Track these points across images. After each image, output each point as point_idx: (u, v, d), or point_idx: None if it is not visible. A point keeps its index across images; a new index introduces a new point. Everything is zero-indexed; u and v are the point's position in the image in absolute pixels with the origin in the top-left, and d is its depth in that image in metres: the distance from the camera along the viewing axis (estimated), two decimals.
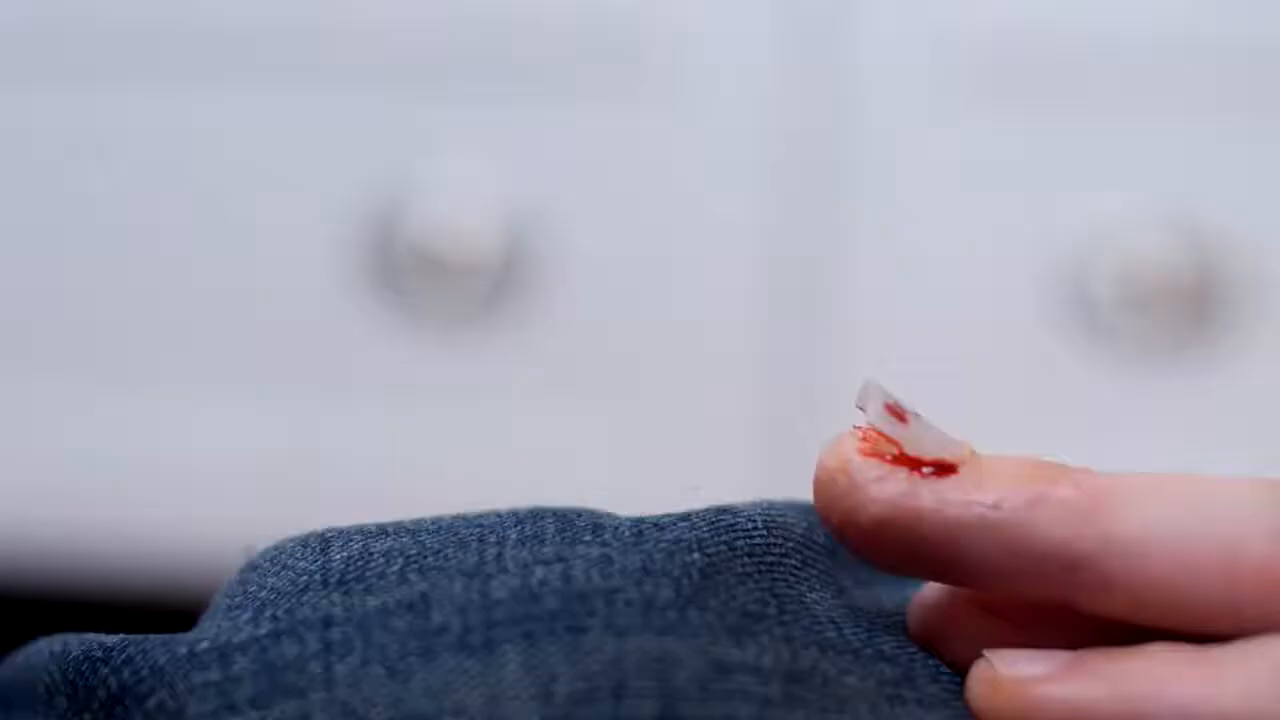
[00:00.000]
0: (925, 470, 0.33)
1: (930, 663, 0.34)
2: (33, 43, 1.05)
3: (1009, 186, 1.05)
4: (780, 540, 0.35)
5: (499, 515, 0.34)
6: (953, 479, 0.32)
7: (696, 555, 0.33)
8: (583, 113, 1.03)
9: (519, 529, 0.34)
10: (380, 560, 0.33)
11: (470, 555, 0.33)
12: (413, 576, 0.33)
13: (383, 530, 0.34)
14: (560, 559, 0.33)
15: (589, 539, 0.33)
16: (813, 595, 0.34)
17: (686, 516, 0.34)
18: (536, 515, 0.34)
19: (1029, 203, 1.05)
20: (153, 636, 0.33)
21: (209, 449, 1.07)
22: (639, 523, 0.34)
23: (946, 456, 0.33)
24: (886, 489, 0.32)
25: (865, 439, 0.33)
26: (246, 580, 0.34)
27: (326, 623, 0.32)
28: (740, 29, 1.04)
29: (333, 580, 0.33)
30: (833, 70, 1.04)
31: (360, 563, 0.33)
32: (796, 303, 1.04)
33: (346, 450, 1.07)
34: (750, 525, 0.34)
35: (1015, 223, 1.05)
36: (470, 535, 0.34)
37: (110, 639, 0.33)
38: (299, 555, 0.34)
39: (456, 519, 0.34)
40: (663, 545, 0.33)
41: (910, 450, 0.33)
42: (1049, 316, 1.04)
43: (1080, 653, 0.32)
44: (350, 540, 0.34)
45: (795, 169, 1.04)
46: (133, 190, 1.06)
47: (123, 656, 0.32)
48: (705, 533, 0.34)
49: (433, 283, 1.06)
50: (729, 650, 0.31)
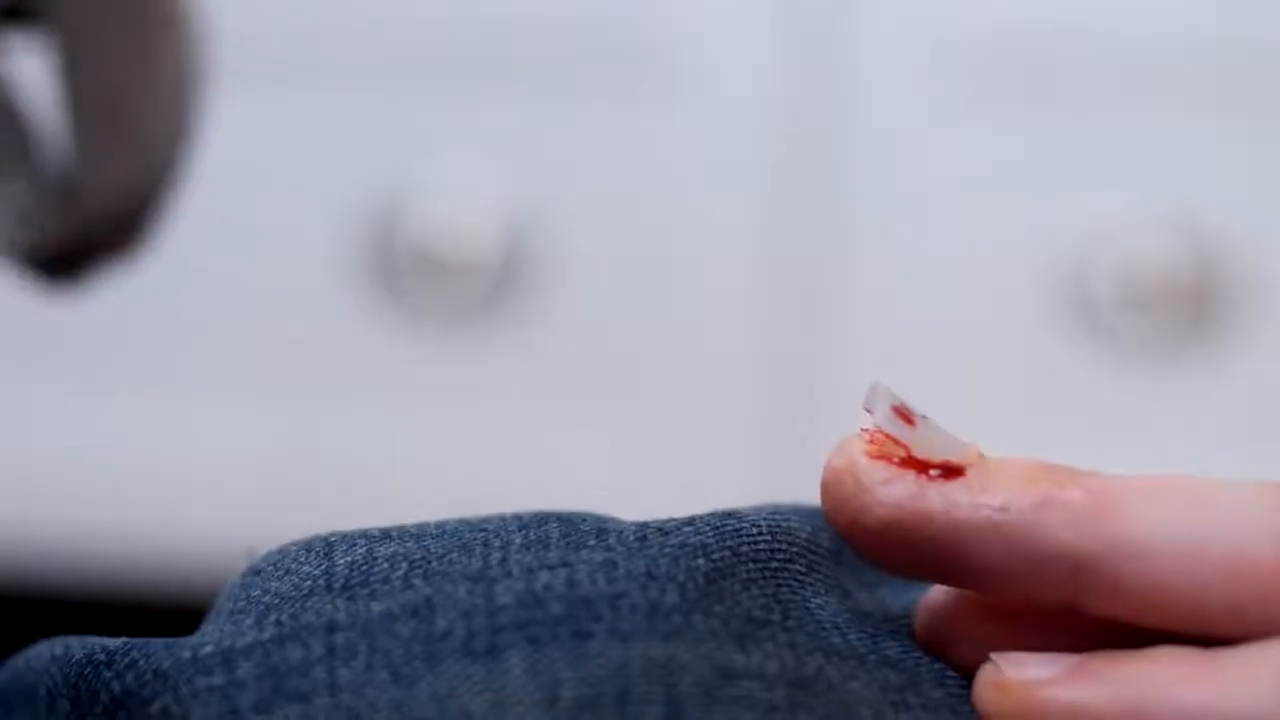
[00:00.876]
0: (933, 473, 0.33)
1: (935, 667, 0.34)
2: None
3: (1009, 186, 1.05)
4: (785, 545, 0.35)
5: (503, 520, 0.34)
6: (960, 481, 0.32)
7: (701, 560, 0.33)
8: (583, 113, 1.03)
9: (523, 534, 0.34)
10: (384, 565, 0.33)
11: (474, 560, 0.33)
12: (417, 581, 0.33)
13: (387, 535, 0.34)
14: (565, 564, 0.33)
15: (593, 543, 0.33)
16: (817, 600, 0.34)
17: (691, 521, 0.34)
18: (541, 520, 0.34)
19: (1029, 203, 1.05)
20: (155, 640, 0.33)
21: (209, 449, 1.07)
22: (643, 527, 0.34)
23: (954, 459, 0.33)
24: (894, 491, 0.32)
25: (872, 441, 0.33)
26: (249, 584, 0.34)
27: (331, 628, 0.32)
28: (740, 29, 1.04)
29: (337, 585, 0.33)
30: (833, 70, 1.04)
31: (364, 567, 0.33)
32: (796, 303, 1.04)
33: (346, 450, 1.07)
34: (755, 530, 0.34)
35: (1015, 223, 1.05)
36: (474, 540, 0.34)
37: (113, 642, 0.33)
38: (302, 560, 0.34)
39: (461, 523, 0.34)
40: (667, 550, 0.33)
41: (918, 452, 0.33)
42: (1049, 316, 1.04)
43: (1086, 656, 0.32)
44: (354, 545, 0.34)
45: (795, 169, 1.04)
46: None
47: (126, 660, 0.32)
48: (710, 537, 0.34)
49: (433, 283, 1.06)
50: (734, 656, 0.31)
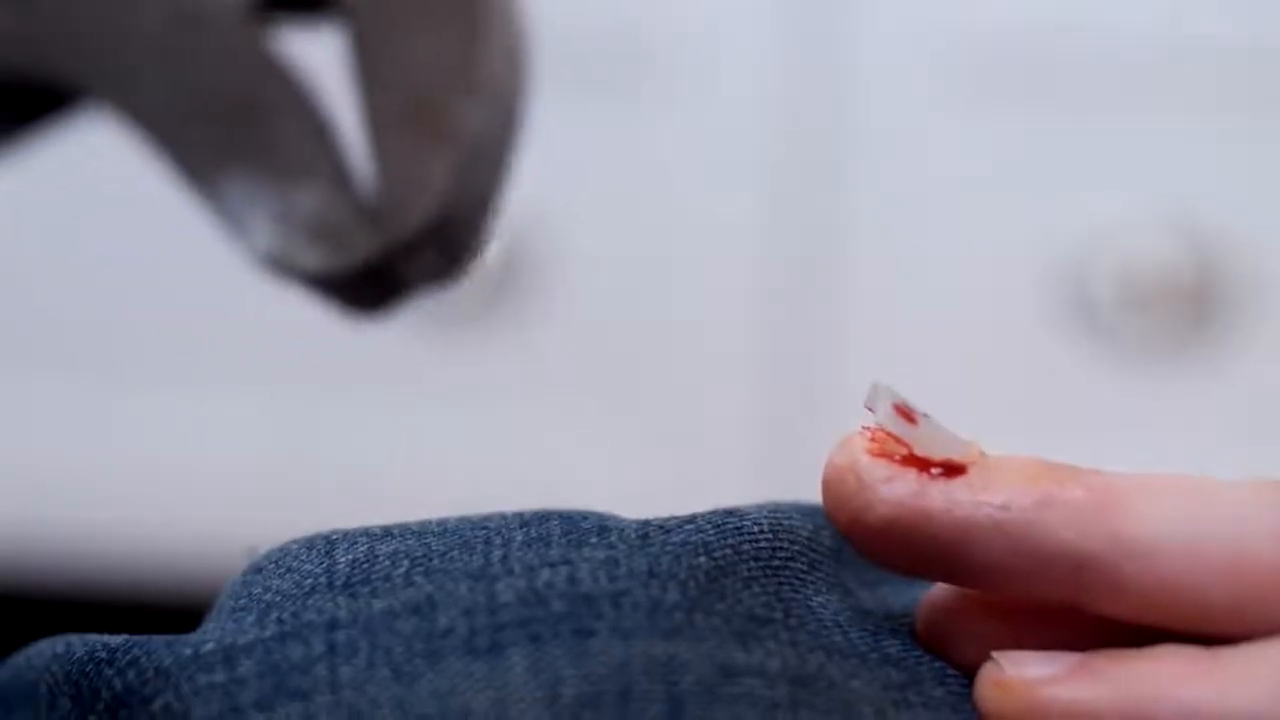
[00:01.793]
0: (934, 471, 0.33)
1: (937, 666, 0.34)
2: None
3: (1009, 186, 1.05)
4: (786, 544, 0.35)
5: (504, 517, 0.34)
6: (962, 480, 0.32)
7: (703, 558, 0.33)
8: (583, 113, 1.03)
9: (524, 531, 0.34)
10: (386, 563, 0.33)
11: (476, 558, 0.33)
12: (418, 579, 0.33)
13: (388, 533, 0.34)
14: (566, 561, 0.33)
15: (595, 541, 0.33)
16: (819, 599, 0.34)
17: (692, 519, 0.34)
18: (542, 517, 0.34)
19: (1029, 203, 1.05)
20: (157, 638, 0.33)
21: (209, 449, 1.07)
22: (645, 525, 0.34)
23: (955, 457, 0.33)
24: (895, 489, 0.32)
25: (874, 439, 0.33)
26: (251, 582, 0.34)
27: (332, 625, 0.32)
28: (741, 29, 1.04)
29: (338, 583, 0.33)
30: (833, 70, 1.04)
31: (365, 565, 0.33)
32: (796, 303, 1.04)
33: (347, 450, 1.07)
34: (756, 528, 0.34)
35: (1015, 223, 1.05)
36: (476, 538, 0.34)
37: (114, 640, 0.33)
38: (304, 558, 0.34)
39: (462, 521, 0.34)
40: (669, 548, 0.33)
41: (919, 451, 0.33)
42: (1049, 316, 1.04)
43: (1088, 654, 0.32)
44: (355, 543, 0.34)
45: (795, 169, 1.04)
46: (133, 190, 1.06)
47: (127, 658, 0.32)
48: (711, 536, 0.34)
49: None
50: (735, 654, 0.31)
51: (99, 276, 1.07)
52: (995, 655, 0.33)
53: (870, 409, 0.33)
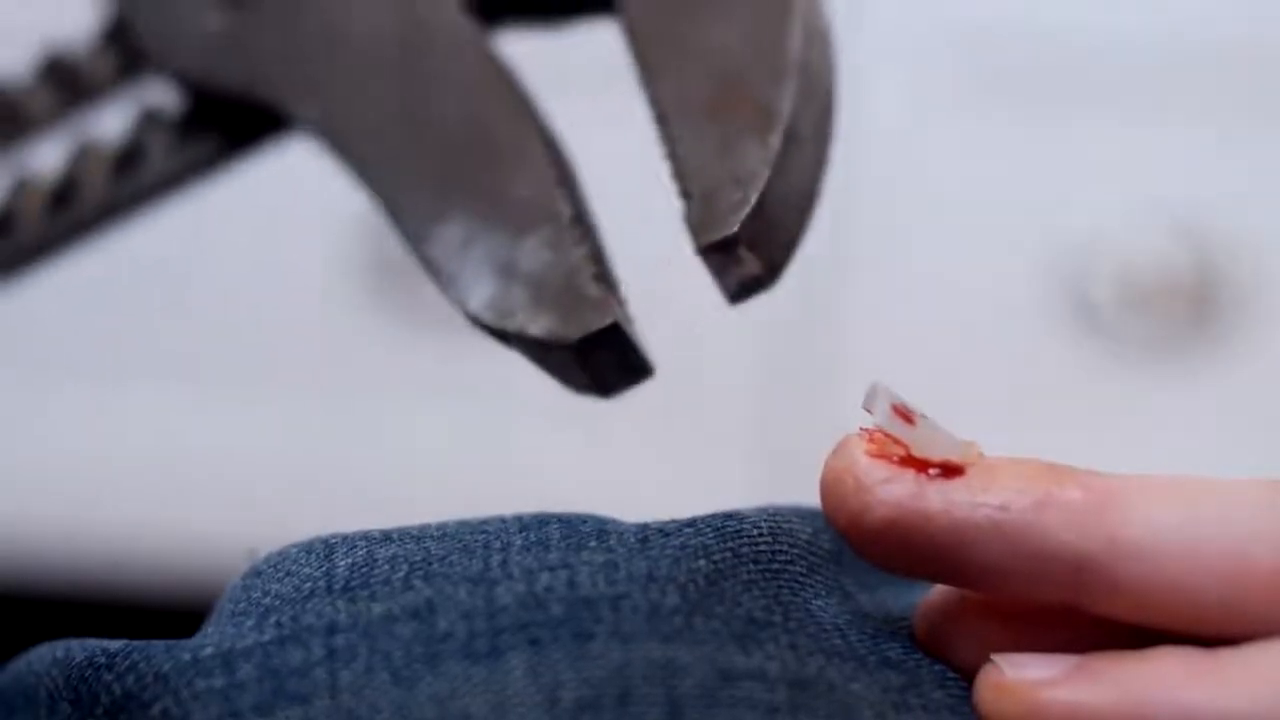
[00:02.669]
0: (932, 472, 0.33)
1: (936, 668, 0.34)
2: None
3: (1009, 186, 1.05)
4: (786, 547, 0.35)
5: (504, 521, 0.34)
6: (960, 481, 0.32)
7: (702, 562, 0.33)
8: (581, 113, 1.03)
9: (524, 535, 0.34)
10: (385, 567, 0.33)
11: (475, 562, 0.33)
12: (418, 583, 0.33)
13: (387, 536, 0.34)
14: (566, 565, 0.33)
15: (594, 545, 0.33)
16: (818, 602, 0.34)
17: (692, 522, 0.34)
18: (541, 521, 0.34)
19: (1029, 203, 1.05)
20: (156, 642, 0.33)
21: (209, 449, 1.07)
22: (644, 529, 0.34)
23: (954, 458, 0.33)
24: (894, 490, 0.32)
25: (872, 440, 0.33)
26: (250, 586, 0.34)
27: (331, 629, 0.32)
28: None
29: (337, 586, 0.33)
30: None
31: (365, 569, 0.33)
32: (796, 303, 1.04)
33: (346, 451, 1.07)
34: (756, 532, 0.34)
35: (1015, 223, 1.05)
36: (475, 541, 0.34)
37: (113, 645, 0.33)
38: (303, 561, 0.34)
39: (461, 525, 0.34)
40: (668, 551, 0.33)
41: (917, 452, 0.33)
42: (1049, 316, 1.04)
43: (1087, 656, 0.32)
44: (354, 546, 0.34)
45: None
46: None
47: (126, 663, 0.32)
48: (711, 539, 0.34)
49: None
50: (735, 657, 0.31)
51: (98, 276, 1.07)
52: (995, 657, 0.33)
53: (868, 410, 0.33)
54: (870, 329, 1.04)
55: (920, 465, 0.33)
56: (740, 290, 0.39)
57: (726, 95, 0.38)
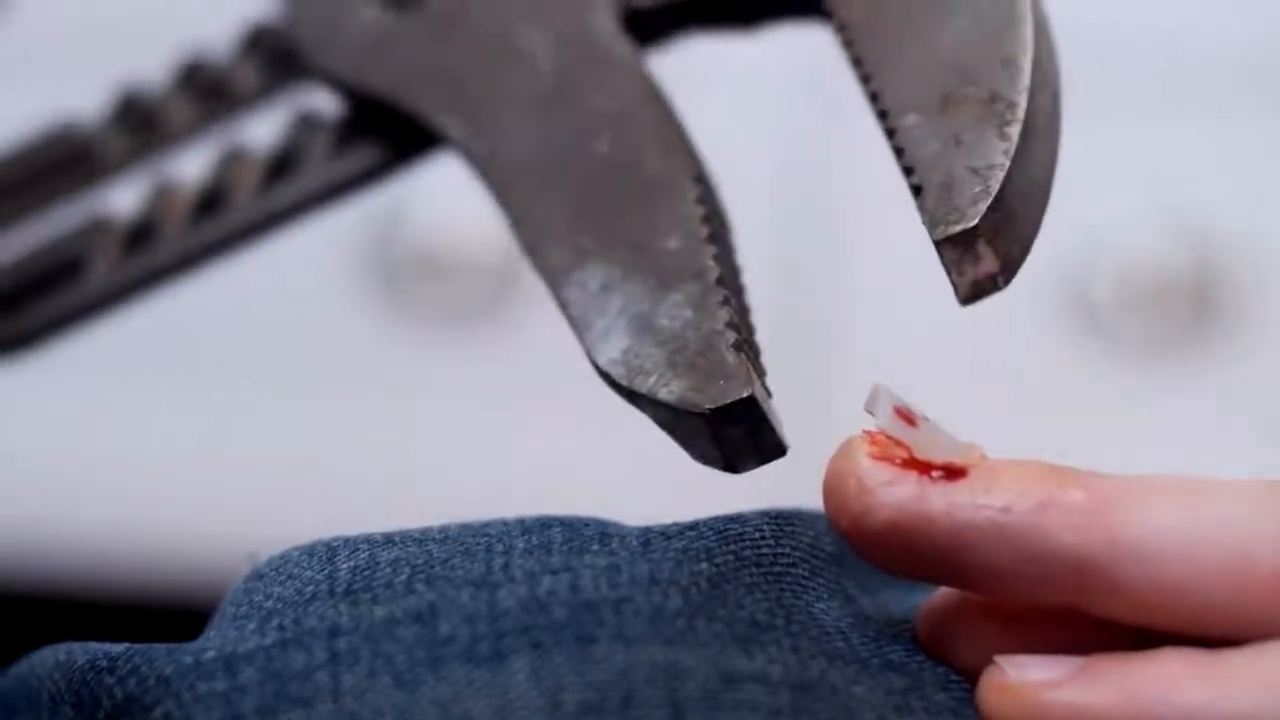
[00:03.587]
0: (935, 474, 0.33)
1: (939, 671, 0.34)
2: None
3: None
4: (788, 550, 0.35)
5: (505, 524, 0.34)
6: (962, 483, 0.32)
7: (705, 564, 0.33)
8: None
9: (526, 538, 0.34)
10: (387, 570, 0.33)
11: (477, 565, 0.33)
12: (420, 586, 0.33)
13: (389, 539, 0.34)
14: (568, 568, 0.33)
15: (596, 548, 0.33)
16: (820, 605, 0.34)
17: (694, 525, 0.34)
18: (544, 524, 0.34)
19: None
20: (158, 646, 0.33)
21: (210, 449, 1.07)
22: (646, 532, 0.34)
23: (956, 460, 0.33)
24: (896, 493, 0.32)
25: (874, 443, 0.33)
26: (252, 589, 0.34)
27: (333, 632, 0.32)
28: None
29: (339, 590, 0.33)
30: (832, 70, 1.04)
31: (367, 572, 0.33)
32: (795, 304, 1.04)
33: (347, 450, 1.07)
34: (758, 535, 0.34)
35: None
36: (477, 545, 0.34)
37: (115, 648, 0.33)
38: (305, 564, 0.34)
39: (463, 528, 0.34)
40: (670, 554, 0.33)
41: (920, 454, 0.33)
42: (1049, 316, 1.04)
43: (1090, 658, 0.32)
44: (357, 549, 0.34)
45: (794, 169, 1.04)
46: None
47: (128, 666, 0.32)
48: (713, 542, 0.34)
49: (433, 283, 1.06)
50: (737, 660, 0.31)
51: None
52: (997, 659, 0.33)
53: (870, 412, 0.33)
54: (870, 330, 1.04)
55: (922, 467, 0.33)
56: (974, 289, 0.37)
57: (959, 88, 0.37)
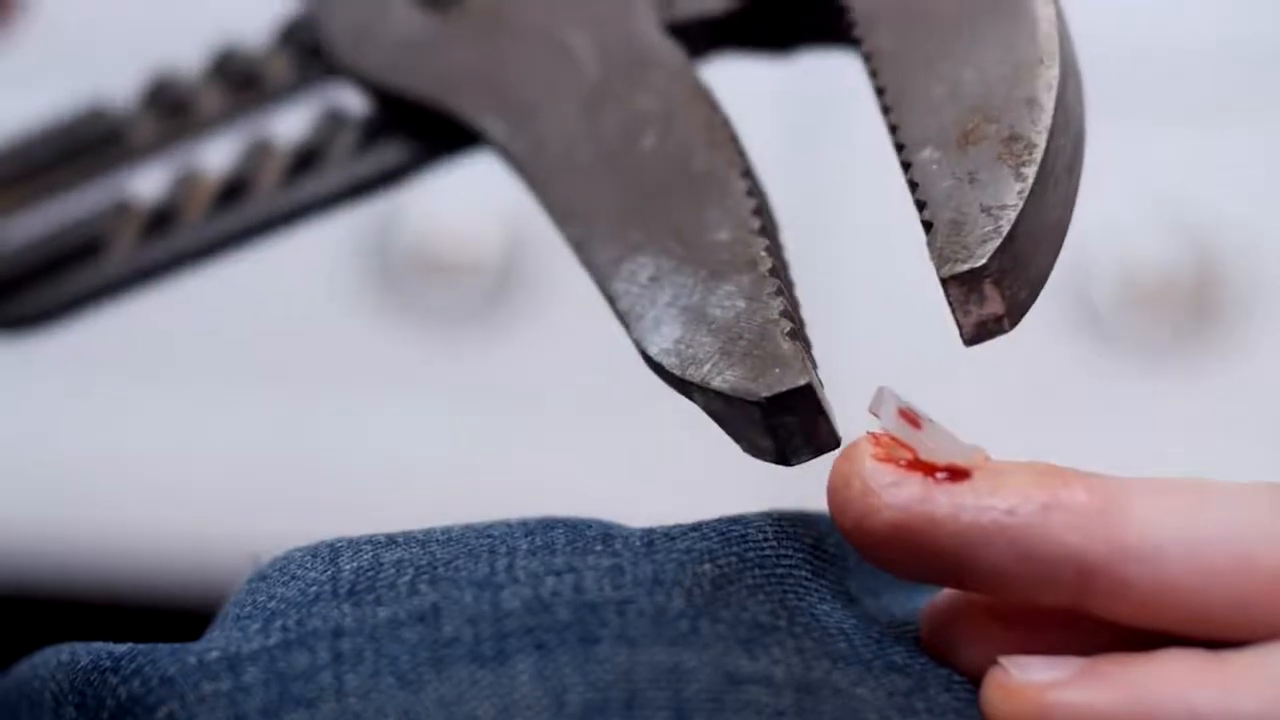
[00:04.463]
0: (939, 476, 0.33)
1: (942, 672, 0.34)
2: None
3: None
4: (790, 551, 0.35)
5: (509, 525, 0.34)
6: (967, 484, 0.32)
7: (708, 566, 0.33)
8: None
9: (529, 539, 0.34)
10: (391, 571, 0.33)
11: (481, 566, 0.33)
12: (423, 587, 0.33)
13: (392, 540, 0.34)
14: (571, 569, 0.33)
15: (600, 549, 0.33)
16: (823, 607, 0.34)
17: (697, 527, 0.34)
18: (547, 525, 0.34)
19: None
20: (161, 646, 0.33)
21: (209, 449, 1.07)
22: (649, 533, 0.34)
23: (960, 462, 0.33)
24: (900, 494, 0.32)
25: (879, 444, 0.33)
26: (255, 590, 0.34)
27: (337, 633, 0.32)
28: None
29: (343, 591, 0.33)
30: (832, 70, 1.04)
31: (370, 573, 0.33)
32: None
33: (346, 450, 1.07)
34: (761, 536, 0.34)
35: None
36: (481, 546, 0.34)
37: (119, 648, 0.33)
38: (308, 565, 0.34)
39: (467, 529, 0.34)
40: (674, 556, 0.33)
41: (924, 456, 0.33)
42: (1049, 316, 1.04)
43: (1094, 658, 0.32)
44: (360, 550, 0.34)
45: (792, 169, 1.04)
46: None
47: (132, 667, 0.32)
48: (716, 543, 0.34)
49: (433, 283, 1.06)
50: (740, 662, 0.31)
51: None
52: (1001, 660, 0.33)
53: (875, 414, 0.34)
54: (870, 330, 1.04)
55: (927, 469, 0.33)
56: (979, 331, 0.36)
57: (979, 125, 0.37)
